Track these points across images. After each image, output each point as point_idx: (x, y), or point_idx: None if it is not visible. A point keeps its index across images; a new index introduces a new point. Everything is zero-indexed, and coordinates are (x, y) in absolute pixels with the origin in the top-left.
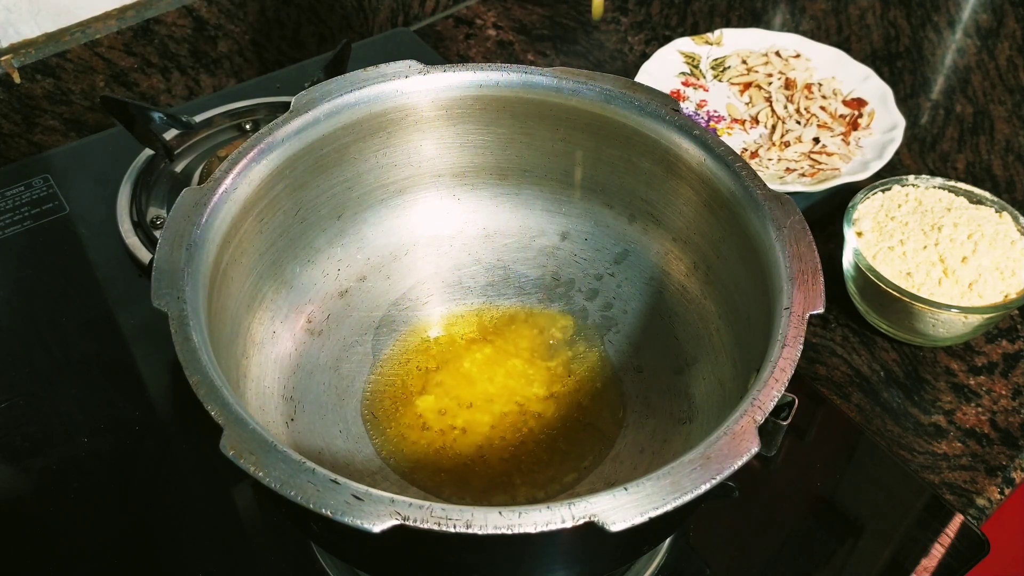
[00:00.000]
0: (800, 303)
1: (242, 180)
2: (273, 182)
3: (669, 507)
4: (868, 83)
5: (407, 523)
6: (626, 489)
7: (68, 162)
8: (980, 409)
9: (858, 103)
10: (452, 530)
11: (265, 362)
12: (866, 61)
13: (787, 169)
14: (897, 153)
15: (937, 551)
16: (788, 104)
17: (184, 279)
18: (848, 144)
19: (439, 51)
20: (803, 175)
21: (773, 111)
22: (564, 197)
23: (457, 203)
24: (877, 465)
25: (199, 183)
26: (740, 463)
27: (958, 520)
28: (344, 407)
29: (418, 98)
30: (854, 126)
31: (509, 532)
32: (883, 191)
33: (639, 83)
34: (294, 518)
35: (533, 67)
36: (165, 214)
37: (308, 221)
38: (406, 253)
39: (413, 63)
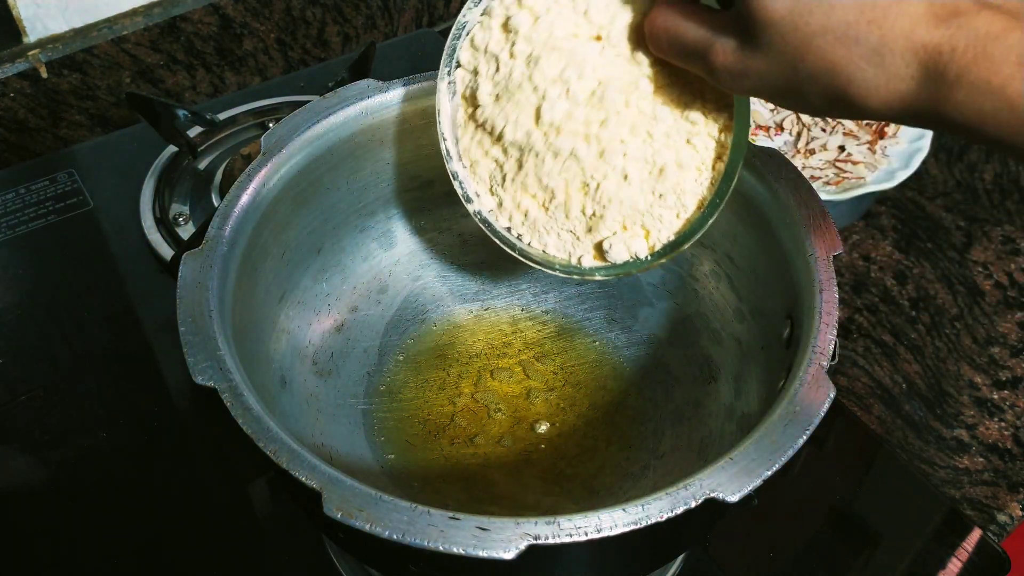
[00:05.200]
0: (822, 247)
1: (237, 232)
2: (261, 228)
3: (777, 466)
4: None
5: (538, 542)
6: (732, 459)
7: (93, 157)
8: (1003, 424)
9: None
10: (583, 538)
11: (283, 416)
12: None
13: (812, 177)
14: (924, 163)
15: (955, 566)
16: None
17: (219, 347)
18: (874, 153)
19: None
20: (828, 183)
21: (798, 118)
22: None
23: (429, 215)
24: (896, 478)
25: (221, 182)
26: (825, 408)
27: (977, 535)
28: (376, 445)
29: (383, 116)
30: (880, 135)
31: (639, 526)
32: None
33: None
34: (384, 562)
35: None
36: (188, 211)
37: (292, 262)
38: (389, 274)
39: (372, 82)
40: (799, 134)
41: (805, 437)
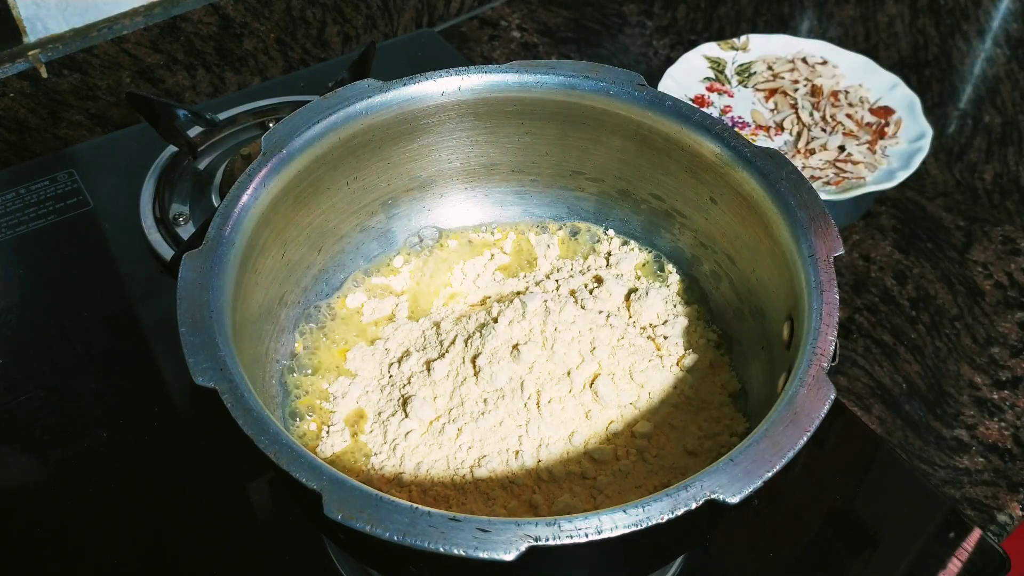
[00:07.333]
0: (822, 248)
1: (237, 232)
2: (261, 228)
3: (778, 467)
4: (896, 91)
5: (538, 543)
6: (732, 460)
7: (93, 157)
8: (1003, 424)
9: (885, 111)
10: (584, 539)
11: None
12: (894, 69)
13: (812, 177)
14: (924, 163)
15: (955, 566)
16: (814, 111)
17: (220, 347)
18: (874, 153)
19: (463, 52)
20: (828, 183)
21: (799, 118)
22: (534, 189)
23: (429, 215)
24: (896, 478)
25: (221, 182)
26: (825, 410)
27: (977, 535)
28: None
29: (382, 116)
30: (880, 135)
31: (639, 528)
32: None
33: (602, 65)
34: (384, 563)
35: (492, 65)
36: (187, 211)
37: (292, 262)
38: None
39: (372, 82)
40: (799, 134)
41: (806, 439)
